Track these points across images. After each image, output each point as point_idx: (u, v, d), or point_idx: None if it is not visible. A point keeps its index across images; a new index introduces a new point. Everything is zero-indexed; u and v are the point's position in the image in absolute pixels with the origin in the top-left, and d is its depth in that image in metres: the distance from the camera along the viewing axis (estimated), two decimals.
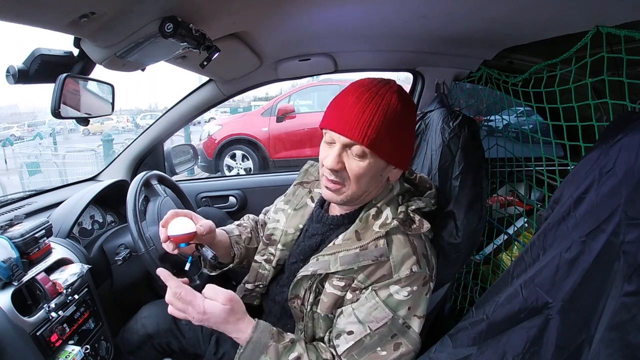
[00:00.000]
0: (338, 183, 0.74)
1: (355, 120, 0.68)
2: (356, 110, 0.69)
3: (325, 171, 0.74)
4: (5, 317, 0.78)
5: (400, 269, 0.71)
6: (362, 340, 0.70)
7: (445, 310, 1.61)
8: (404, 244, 0.73)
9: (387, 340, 0.70)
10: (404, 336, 0.70)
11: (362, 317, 0.70)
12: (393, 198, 0.79)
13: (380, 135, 0.68)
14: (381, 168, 0.74)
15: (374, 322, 0.70)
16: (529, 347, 0.57)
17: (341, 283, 0.73)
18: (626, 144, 0.54)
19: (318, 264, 0.75)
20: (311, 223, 0.88)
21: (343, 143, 0.71)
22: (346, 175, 0.73)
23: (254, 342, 0.69)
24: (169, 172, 1.69)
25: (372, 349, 0.70)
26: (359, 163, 0.71)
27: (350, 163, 0.72)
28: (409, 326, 0.71)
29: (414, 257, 0.72)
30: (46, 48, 0.80)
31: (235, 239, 0.96)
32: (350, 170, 0.72)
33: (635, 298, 0.47)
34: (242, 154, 5.16)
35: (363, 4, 0.88)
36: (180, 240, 0.77)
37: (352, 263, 0.71)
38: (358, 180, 0.73)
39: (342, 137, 0.70)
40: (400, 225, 0.73)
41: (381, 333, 0.70)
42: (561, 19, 0.85)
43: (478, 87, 1.39)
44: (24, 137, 14.95)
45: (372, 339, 0.70)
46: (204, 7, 0.76)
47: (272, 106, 5.34)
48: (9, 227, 0.92)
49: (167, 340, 1.05)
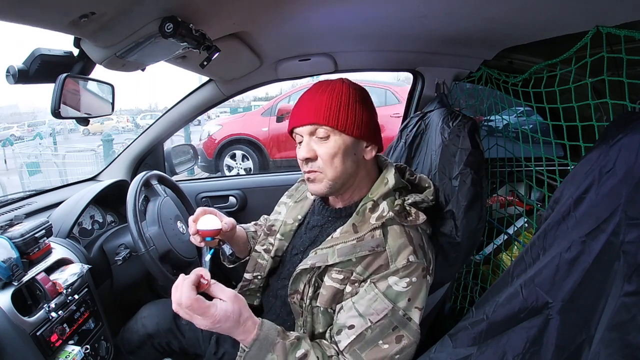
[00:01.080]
0: (315, 171, 0.78)
1: (309, 107, 0.76)
2: (308, 101, 0.77)
3: (303, 166, 0.79)
4: (5, 317, 0.78)
5: (396, 258, 0.71)
6: (364, 333, 0.69)
7: (445, 310, 1.61)
8: (400, 234, 0.74)
9: (388, 332, 0.69)
10: (405, 328, 0.70)
11: (363, 310, 0.70)
12: (389, 192, 0.80)
13: (334, 112, 0.74)
14: (350, 145, 0.77)
15: (375, 315, 0.69)
16: (529, 347, 0.57)
17: (340, 276, 0.74)
18: (626, 144, 0.54)
19: (316, 257, 0.76)
20: (312, 215, 0.91)
21: (307, 132, 0.77)
22: (320, 162, 0.77)
23: (261, 340, 0.68)
24: (169, 172, 1.69)
25: (374, 343, 0.69)
26: (326, 143, 0.76)
27: (319, 148, 0.77)
28: (409, 318, 0.71)
29: (411, 247, 0.72)
30: (46, 48, 0.80)
31: (252, 235, 1.03)
32: (321, 154, 0.76)
33: (635, 298, 0.47)
34: (242, 154, 5.16)
35: (363, 4, 0.88)
36: (208, 234, 0.84)
37: (350, 254, 0.73)
38: (331, 161, 0.76)
39: (304, 128, 0.77)
40: (396, 216, 0.74)
41: (382, 325, 0.69)
42: (561, 19, 0.85)
43: (478, 87, 1.39)
44: (24, 137, 14.95)
45: (373, 332, 0.69)
46: (204, 7, 0.76)
47: (272, 106, 5.34)
48: (9, 227, 0.92)
49: (167, 340, 1.06)
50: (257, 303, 0.96)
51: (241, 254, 1.01)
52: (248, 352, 0.68)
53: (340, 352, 0.72)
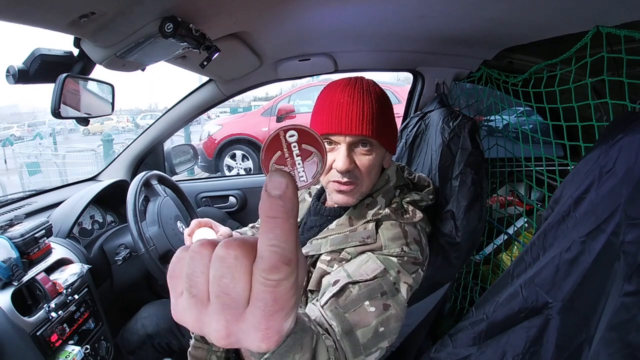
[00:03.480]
0: (352, 183, 0.74)
1: (358, 116, 0.70)
2: (355, 108, 0.71)
3: (337, 175, 0.73)
4: (5, 317, 0.78)
5: (390, 245, 0.70)
6: (349, 289, 0.61)
7: (445, 310, 1.61)
8: (394, 227, 0.73)
9: (376, 296, 0.61)
10: (393, 298, 0.63)
11: (352, 271, 0.65)
12: (389, 190, 0.80)
13: (379, 124, 0.72)
14: (383, 156, 0.77)
15: (364, 275, 0.63)
16: (529, 347, 0.57)
17: (328, 257, 0.73)
18: (626, 144, 0.54)
19: (311, 246, 0.77)
20: (309, 216, 0.91)
21: (349, 142, 0.72)
22: (358, 173, 0.74)
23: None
24: (169, 172, 1.69)
25: (360, 302, 0.60)
26: (369, 156, 0.73)
27: (360, 159, 0.73)
28: (398, 289, 0.64)
29: (404, 240, 0.71)
30: (46, 48, 0.80)
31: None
32: (362, 166, 0.73)
33: (635, 298, 0.47)
34: (242, 154, 5.16)
35: (363, 4, 0.88)
36: None
37: (341, 244, 0.73)
38: (369, 173, 0.75)
39: (347, 137, 0.71)
40: (392, 213, 0.74)
41: (371, 286, 0.62)
42: (561, 19, 0.85)
43: (478, 87, 1.39)
44: (24, 137, 14.94)
45: (360, 290, 0.61)
46: (204, 7, 0.76)
47: (272, 106, 5.34)
48: (9, 227, 0.92)
49: (167, 340, 1.06)
50: None
51: None
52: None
53: (320, 308, 0.60)
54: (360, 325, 0.58)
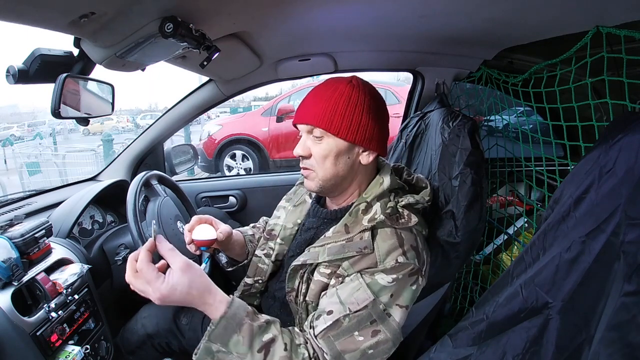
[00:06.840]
0: (307, 168, 0.81)
1: (310, 107, 0.79)
2: (311, 100, 0.80)
3: (301, 162, 0.82)
4: (5, 317, 0.78)
5: (385, 259, 0.71)
6: (341, 321, 0.68)
7: (445, 310, 1.61)
8: (390, 236, 0.74)
9: (365, 325, 0.68)
10: (383, 323, 0.69)
11: (344, 298, 0.70)
12: (384, 193, 0.80)
13: (329, 115, 0.76)
14: (344, 149, 0.78)
15: (355, 304, 0.69)
16: (529, 347, 0.57)
17: (327, 270, 0.75)
18: (626, 144, 0.54)
19: (309, 254, 0.77)
20: (308, 218, 0.92)
21: (305, 130, 0.80)
22: (313, 161, 0.80)
23: (228, 318, 0.65)
24: (169, 172, 1.69)
25: (350, 333, 0.68)
26: (319, 145, 0.78)
27: (313, 147, 0.80)
28: (389, 314, 0.70)
29: (400, 249, 0.72)
30: (46, 48, 0.80)
31: (249, 238, 1.03)
32: (314, 153, 0.79)
33: (635, 298, 0.47)
34: (242, 154, 5.16)
35: (363, 4, 0.88)
36: (202, 244, 0.87)
37: (338, 254, 0.74)
38: (323, 161, 0.78)
39: (303, 126, 0.80)
40: (387, 219, 0.74)
41: (360, 316, 0.68)
42: (561, 19, 0.85)
43: (478, 87, 1.39)
44: (24, 137, 14.92)
45: (350, 322, 0.68)
46: (204, 7, 0.76)
47: (272, 106, 5.34)
48: (9, 227, 0.92)
49: (167, 340, 1.06)
50: (257, 303, 0.96)
51: (239, 258, 1.00)
52: (214, 330, 0.65)
53: (314, 337, 0.70)
54: (348, 351, 0.68)
